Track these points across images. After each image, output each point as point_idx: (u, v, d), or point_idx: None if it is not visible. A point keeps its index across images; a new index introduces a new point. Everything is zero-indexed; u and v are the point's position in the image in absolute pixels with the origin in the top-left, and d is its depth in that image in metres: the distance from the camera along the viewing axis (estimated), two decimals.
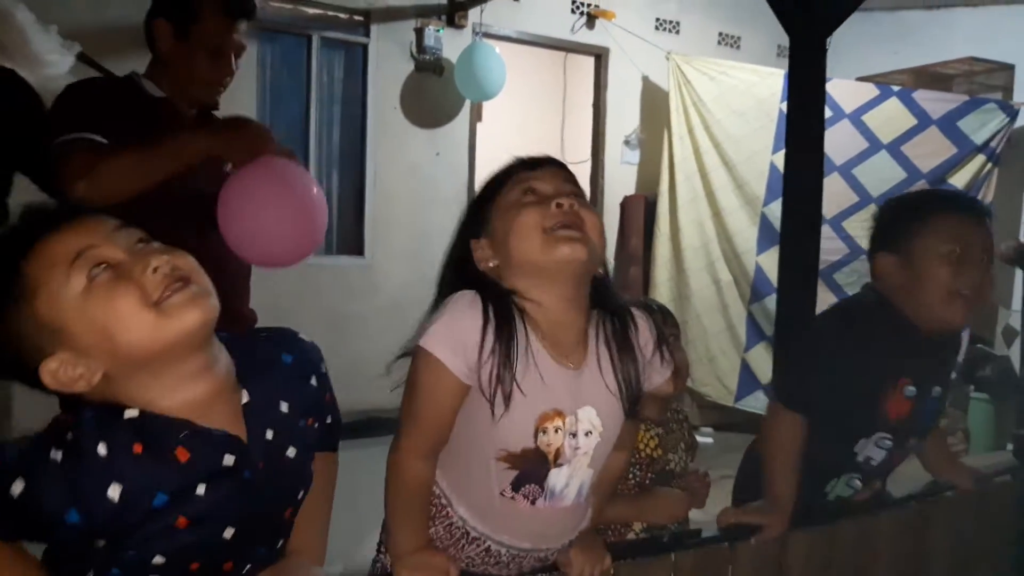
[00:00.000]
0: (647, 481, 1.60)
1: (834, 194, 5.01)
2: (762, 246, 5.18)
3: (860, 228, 5.03)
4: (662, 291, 5.33)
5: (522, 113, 8.81)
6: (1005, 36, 5.18)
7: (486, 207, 1.16)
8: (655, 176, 5.41)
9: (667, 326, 1.59)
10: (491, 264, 1.13)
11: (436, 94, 5.00)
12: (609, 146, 5.63)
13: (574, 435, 1.13)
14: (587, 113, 5.68)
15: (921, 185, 5.06)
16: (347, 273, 4.81)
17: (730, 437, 4.68)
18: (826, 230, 5.11)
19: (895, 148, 5.07)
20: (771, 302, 5.12)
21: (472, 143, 5.17)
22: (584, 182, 6.33)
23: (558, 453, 1.13)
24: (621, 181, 5.67)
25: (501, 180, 1.16)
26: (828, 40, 2.42)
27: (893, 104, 5.09)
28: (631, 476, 1.58)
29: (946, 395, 1.61)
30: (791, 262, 2.20)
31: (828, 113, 5.09)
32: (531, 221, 1.10)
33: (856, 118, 5.12)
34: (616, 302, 1.19)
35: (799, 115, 2.64)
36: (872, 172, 5.05)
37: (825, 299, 5.04)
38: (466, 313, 1.07)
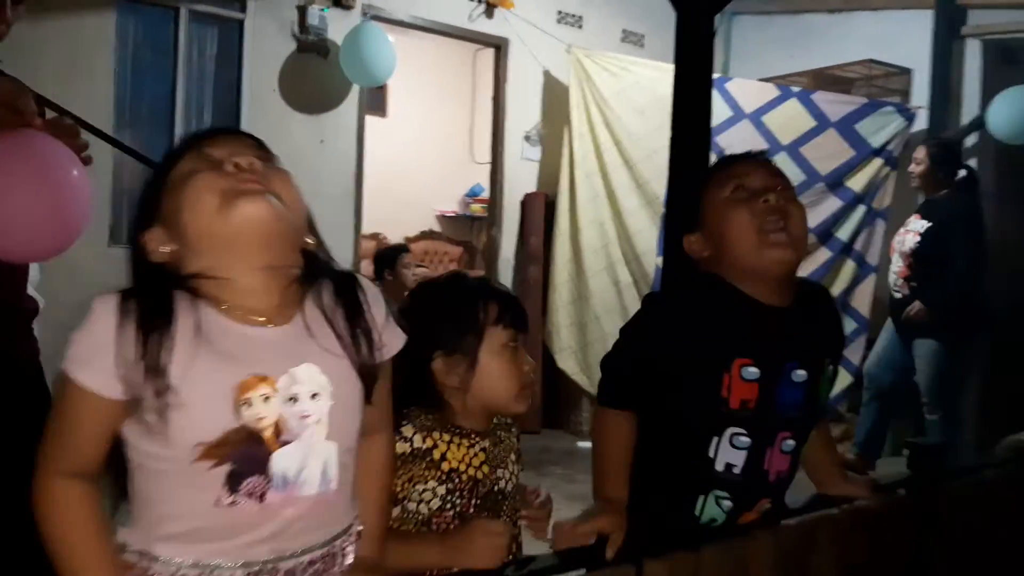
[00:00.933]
0: (471, 510, 1.31)
1: None
2: (663, 247, 5.03)
3: None
4: (561, 292, 5.14)
5: (430, 108, 8.57)
6: (903, 40, 5.19)
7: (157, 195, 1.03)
8: (556, 173, 5.22)
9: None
10: (164, 250, 1.00)
11: (320, 77, 4.66)
12: (509, 141, 5.39)
13: (294, 399, 0.97)
14: (514, 112, 5.41)
15: (819, 188, 5.02)
16: None
17: None
18: None
19: (794, 149, 5.01)
20: None
21: (361, 131, 4.85)
22: (465, 176, 6.09)
23: (279, 428, 0.96)
24: (522, 178, 5.44)
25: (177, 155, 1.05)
26: (721, 33, 2.32)
27: (793, 105, 5.03)
28: (449, 505, 1.30)
29: (821, 381, 1.40)
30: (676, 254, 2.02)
31: (728, 113, 5.06)
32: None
33: (756, 118, 5.04)
34: (334, 269, 1.10)
35: (685, 98, 2.48)
36: None
37: None
38: (99, 320, 0.94)
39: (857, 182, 5.01)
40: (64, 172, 1.51)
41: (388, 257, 4.62)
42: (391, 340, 1.11)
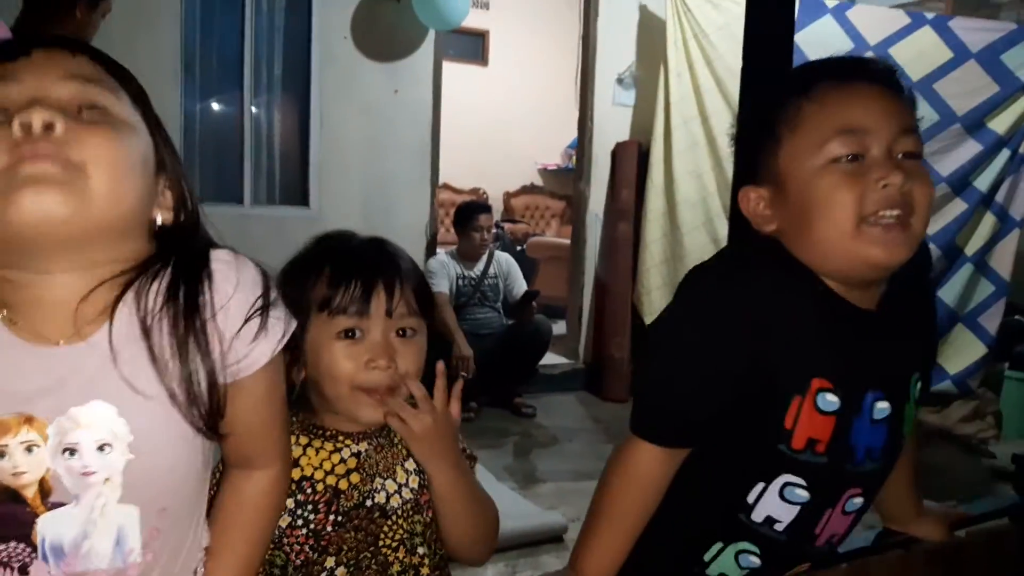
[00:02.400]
0: (328, 527, 1.02)
1: None
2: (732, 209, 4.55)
3: None
4: (653, 250, 4.75)
5: (533, 55, 8.23)
6: None
7: None
8: (651, 120, 4.79)
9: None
10: None
11: (394, 23, 4.42)
12: (600, 85, 4.99)
13: (71, 452, 0.72)
14: (606, 55, 5.00)
15: (955, 130, 4.37)
16: (290, 226, 4.30)
17: None
18: None
19: (926, 86, 4.37)
20: None
21: (437, 80, 4.59)
22: (569, 127, 5.71)
23: (46, 486, 0.72)
24: (613, 125, 5.03)
25: None
26: None
27: (926, 34, 4.38)
28: (300, 521, 1.02)
29: (902, 412, 0.99)
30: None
31: (849, 44, 4.45)
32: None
33: (882, 51, 4.41)
34: (189, 253, 0.79)
35: (759, 22, 2.06)
36: None
37: None
38: None
39: (1001, 123, 4.35)
40: None
41: (463, 216, 4.39)
42: (253, 350, 0.81)
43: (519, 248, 6.85)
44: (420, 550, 1.07)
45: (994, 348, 4.42)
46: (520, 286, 4.51)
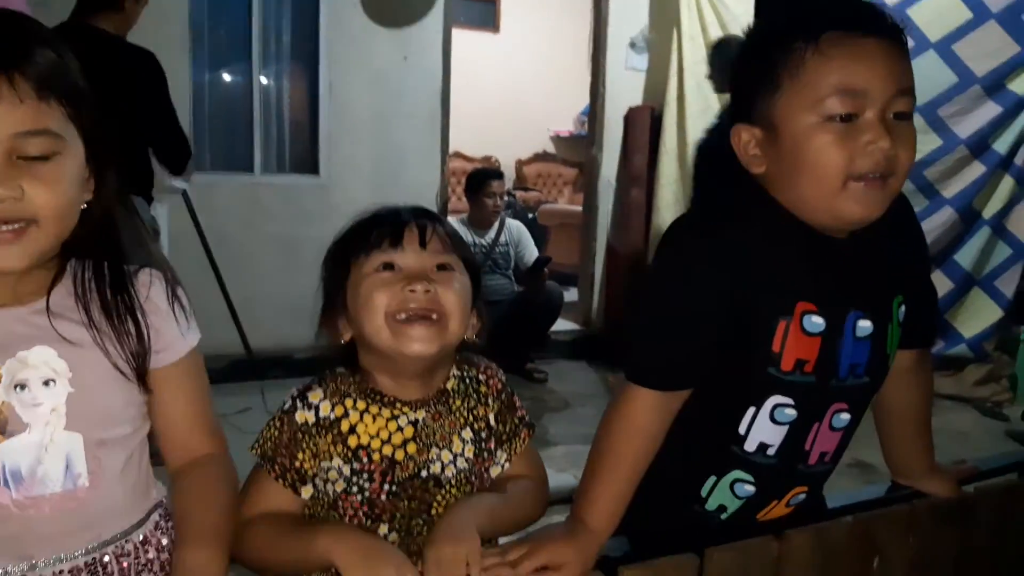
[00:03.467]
0: (382, 496, 1.03)
1: None
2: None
3: None
4: (666, 216, 4.71)
5: (545, 20, 8.13)
6: None
7: None
8: (664, 84, 4.74)
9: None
10: None
11: None
12: (612, 48, 4.93)
13: (22, 387, 0.86)
14: (619, 20, 4.93)
15: (975, 92, 4.30)
16: (300, 193, 4.31)
17: None
18: None
19: (945, 47, 4.29)
20: None
21: (447, 46, 4.54)
22: (582, 93, 5.66)
23: (4, 418, 0.85)
24: (626, 90, 4.98)
25: None
26: None
27: None
28: (356, 488, 1.02)
29: (890, 330, 1.04)
30: None
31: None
32: None
33: (901, 11, 4.33)
34: (111, 250, 0.93)
35: None
36: (918, 76, 3.94)
37: None
38: None
39: (1021, 84, 4.27)
40: None
41: (475, 183, 4.38)
42: (175, 340, 0.96)
43: (530, 215, 6.83)
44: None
45: (1010, 311, 4.37)
46: (531, 252, 4.51)
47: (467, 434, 1.08)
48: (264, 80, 4.32)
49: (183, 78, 3.91)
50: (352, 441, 1.02)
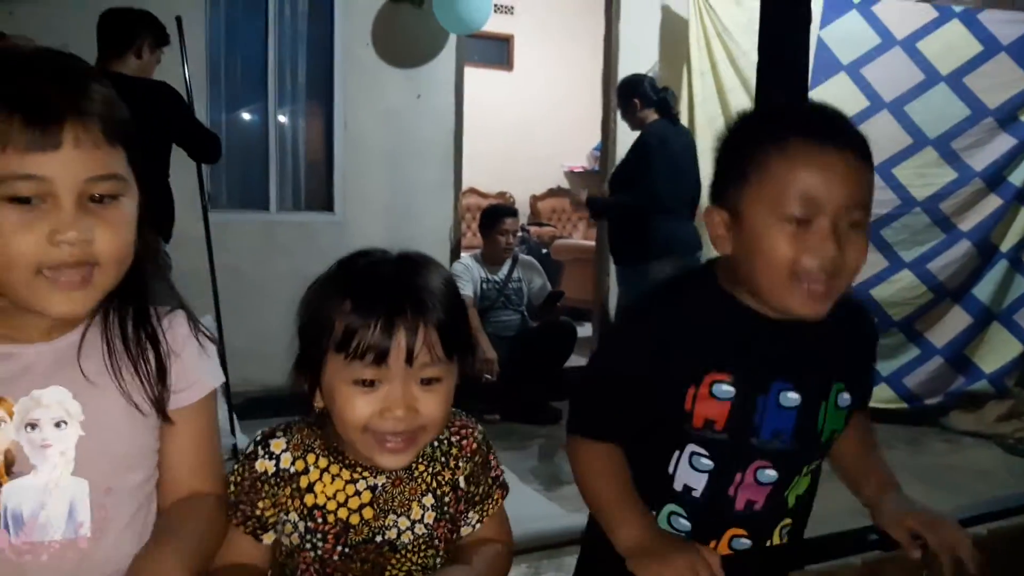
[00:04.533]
0: (335, 557, 1.00)
1: (883, 136, 4.30)
2: None
3: (915, 176, 4.32)
4: None
5: (558, 59, 8.22)
6: None
7: None
8: None
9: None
10: None
11: (415, 28, 4.44)
12: None
13: (33, 427, 0.85)
14: (628, 57, 4.99)
15: (988, 124, 4.29)
16: (315, 231, 4.35)
17: None
18: (875, 179, 4.42)
19: (956, 80, 4.30)
20: None
21: (459, 84, 4.60)
22: (595, 129, 5.73)
23: (9, 457, 0.84)
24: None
25: None
26: None
27: (955, 28, 4.31)
28: (309, 545, 1.00)
29: (824, 408, 1.12)
30: None
31: (876, 40, 4.39)
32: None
33: (910, 45, 4.35)
34: (143, 292, 0.93)
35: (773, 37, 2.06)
36: (929, 109, 4.31)
37: (871, 260, 4.33)
38: None
39: None
40: None
41: (489, 219, 4.40)
42: (196, 381, 0.95)
43: (543, 251, 6.84)
44: None
45: None
46: (544, 287, 4.51)
47: (428, 500, 1.05)
48: (280, 118, 4.39)
49: (200, 117, 3.97)
50: (309, 500, 1.00)
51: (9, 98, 0.78)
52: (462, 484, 1.08)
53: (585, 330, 5.14)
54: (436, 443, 1.07)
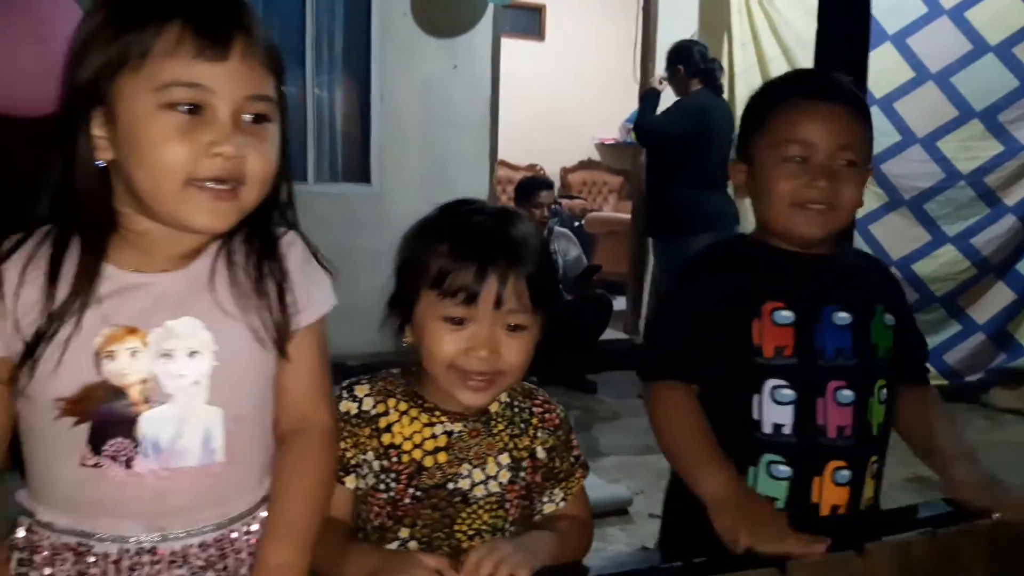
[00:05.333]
0: (406, 499, 1.03)
1: (928, 107, 4.25)
2: None
3: (960, 149, 4.24)
4: None
5: (590, 28, 8.12)
6: None
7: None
8: None
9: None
10: (106, 155, 0.83)
11: None
12: (661, 57, 4.89)
13: (168, 356, 0.85)
14: (667, 25, 4.93)
15: None
16: (352, 202, 4.36)
17: None
18: (918, 151, 4.35)
19: (1006, 51, 4.19)
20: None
21: (496, 55, 4.57)
22: (627, 101, 5.64)
23: (147, 386, 0.85)
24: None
25: None
26: None
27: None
28: (383, 485, 1.03)
29: (873, 325, 1.24)
30: None
31: (923, 9, 4.29)
32: None
33: (958, 14, 4.25)
34: (265, 229, 0.92)
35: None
36: (976, 80, 4.21)
37: (913, 234, 4.25)
38: None
39: None
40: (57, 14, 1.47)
41: (524, 191, 4.38)
42: (312, 303, 0.94)
43: (577, 224, 6.81)
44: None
45: None
46: (579, 258, 4.49)
47: (504, 459, 1.08)
48: (317, 90, 4.38)
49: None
50: (386, 439, 1.04)
51: (182, 6, 0.79)
52: (540, 454, 1.11)
53: (620, 303, 5.13)
54: (517, 408, 1.12)
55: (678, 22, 4.88)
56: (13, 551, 0.88)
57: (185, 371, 0.86)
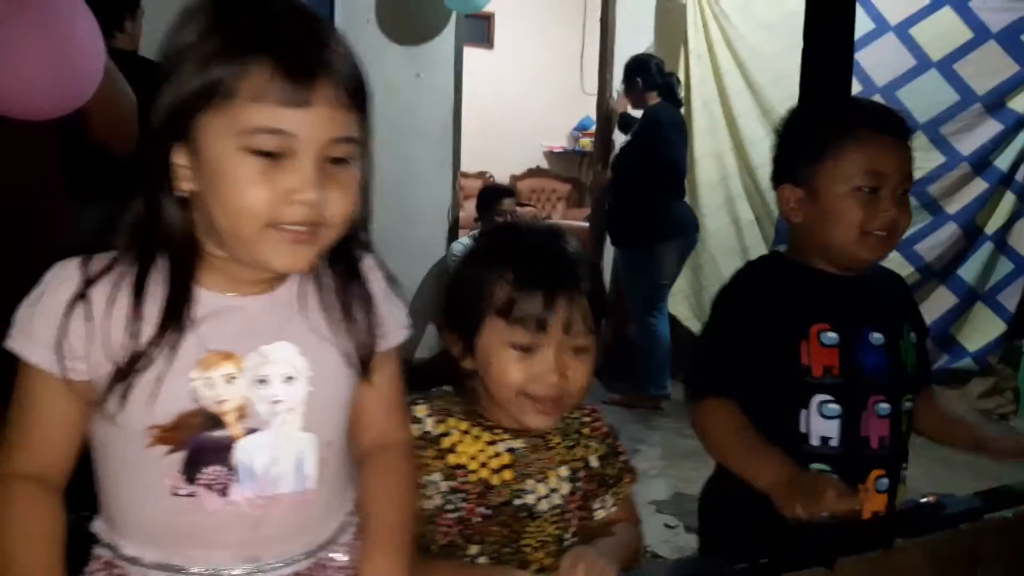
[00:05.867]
0: (476, 518, 1.04)
1: None
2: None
3: None
4: None
5: (537, 37, 8.18)
6: None
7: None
8: None
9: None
10: (187, 185, 0.81)
11: (417, 6, 4.39)
12: (619, 68, 4.97)
13: (263, 382, 0.83)
14: (623, 36, 4.99)
15: (976, 110, 4.40)
16: None
17: None
18: None
19: (947, 67, 4.41)
20: None
21: (459, 64, 4.58)
22: (575, 109, 5.70)
23: (244, 413, 0.83)
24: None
25: None
26: None
27: (946, 15, 4.40)
28: (451, 506, 1.04)
29: (897, 344, 1.34)
30: None
31: (870, 25, 4.46)
32: None
33: (903, 31, 4.44)
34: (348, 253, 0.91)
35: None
36: (920, 94, 4.40)
37: None
38: (60, 284, 0.82)
39: (1021, 102, 4.38)
40: (73, 22, 1.44)
41: (486, 200, 4.40)
42: (396, 325, 0.95)
43: None
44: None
45: (1013, 325, 4.46)
46: None
47: (564, 472, 1.10)
48: None
49: None
50: (451, 459, 1.05)
51: (273, 44, 0.76)
52: (594, 463, 1.14)
53: None
54: (568, 420, 1.13)
55: (633, 34, 4.97)
56: None
57: (280, 397, 0.84)
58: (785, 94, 4.54)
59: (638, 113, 4.42)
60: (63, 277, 0.82)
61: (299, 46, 0.78)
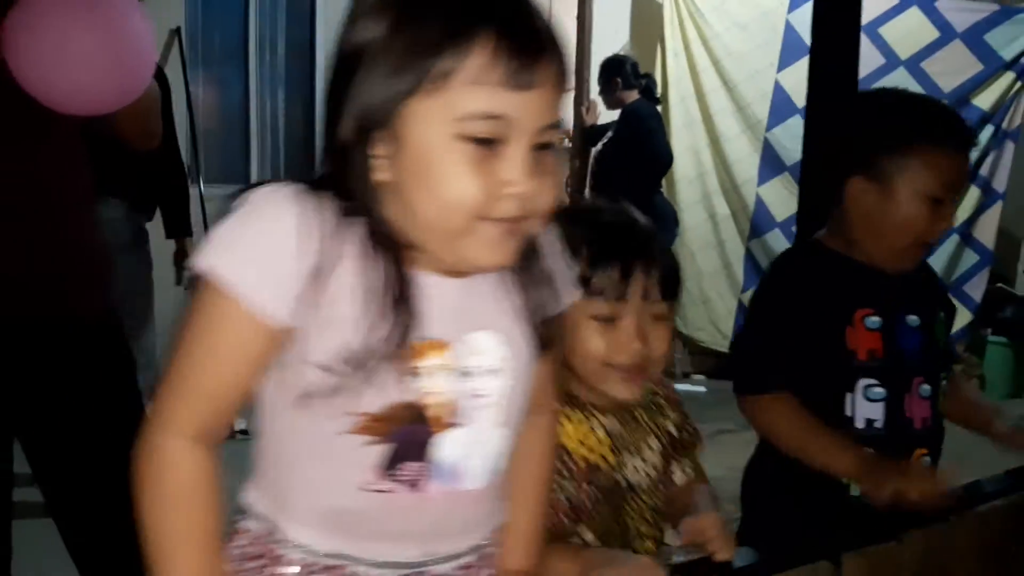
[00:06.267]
0: (586, 500, 1.05)
1: None
2: (764, 176, 4.69)
3: None
4: None
5: None
6: None
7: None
8: None
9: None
10: (383, 175, 0.72)
11: None
12: (596, 65, 5.02)
13: (467, 374, 0.76)
14: (604, 34, 5.04)
15: None
16: None
17: (725, 386, 4.23)
18: None
19: (914, 65, 4.54)
20: (772, 239, 4.65)
21: None
22: (567, 107, 5.76)
23: (447, 408, 0.76)
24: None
25: None
26: None
27: (913, 15, 4.54)
28: (557, 488, 1.03)
29: (931, 326, 1.39)
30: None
31: None
32: None
33: (872, 31, 4.55)
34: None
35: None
36: None
37: None
38: (286, 211, 0.70)
39: (985, 100, 4.53)
40: (125, 13, 1.44)
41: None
42: (567, 291, 0.87)
43: None
44: (659, 526, 1.10)
45: (978, 315, 4.63)
46: None
47: (653, 442, 1.13)
48: (260, 91, 4.29)
49: (179, 89, 3.85)
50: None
51: (497, 16, 0.68)
52: (672, 430, 1.17)
53: None
54: (645, 392, 1.13)
55: (612, 33, 5.02)
56: (244, 560, 0.79)
57: (483, 390, 0.77)
58: (759, 91, 4.66)
59: (611, 116, 4.50)
60: (289, 207, 0.71)
61: (524, 21, 0.69)
